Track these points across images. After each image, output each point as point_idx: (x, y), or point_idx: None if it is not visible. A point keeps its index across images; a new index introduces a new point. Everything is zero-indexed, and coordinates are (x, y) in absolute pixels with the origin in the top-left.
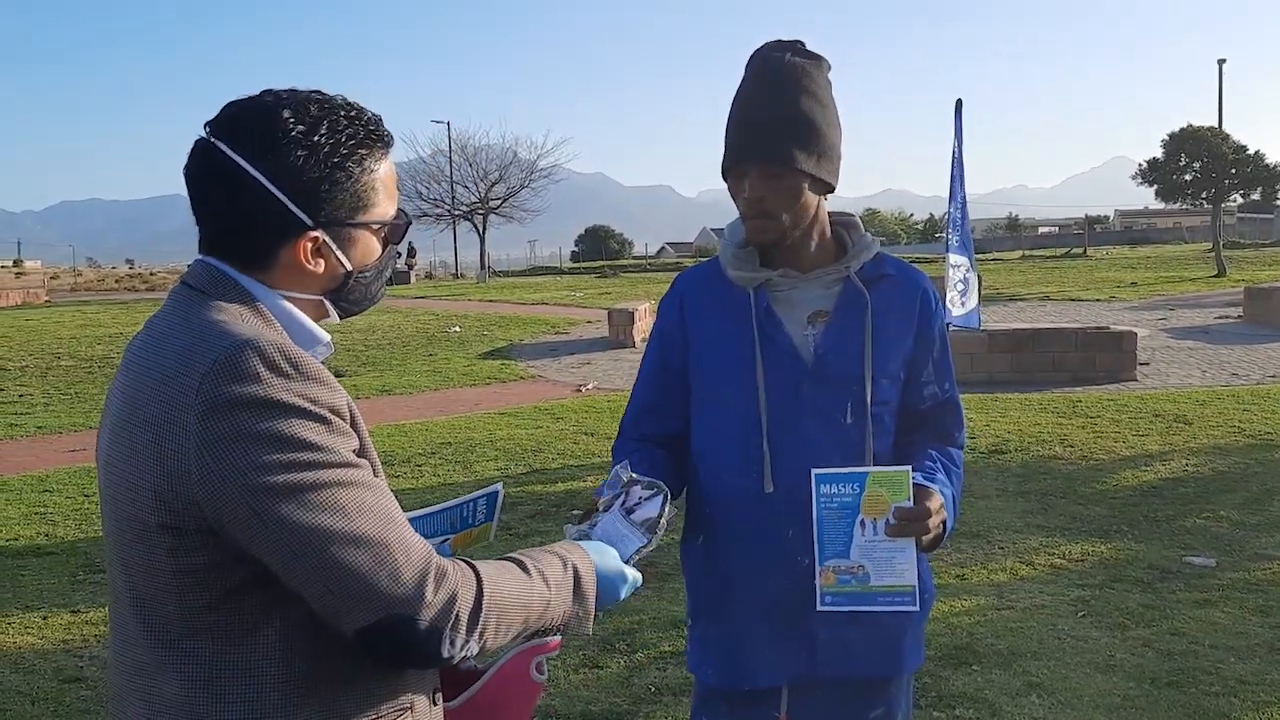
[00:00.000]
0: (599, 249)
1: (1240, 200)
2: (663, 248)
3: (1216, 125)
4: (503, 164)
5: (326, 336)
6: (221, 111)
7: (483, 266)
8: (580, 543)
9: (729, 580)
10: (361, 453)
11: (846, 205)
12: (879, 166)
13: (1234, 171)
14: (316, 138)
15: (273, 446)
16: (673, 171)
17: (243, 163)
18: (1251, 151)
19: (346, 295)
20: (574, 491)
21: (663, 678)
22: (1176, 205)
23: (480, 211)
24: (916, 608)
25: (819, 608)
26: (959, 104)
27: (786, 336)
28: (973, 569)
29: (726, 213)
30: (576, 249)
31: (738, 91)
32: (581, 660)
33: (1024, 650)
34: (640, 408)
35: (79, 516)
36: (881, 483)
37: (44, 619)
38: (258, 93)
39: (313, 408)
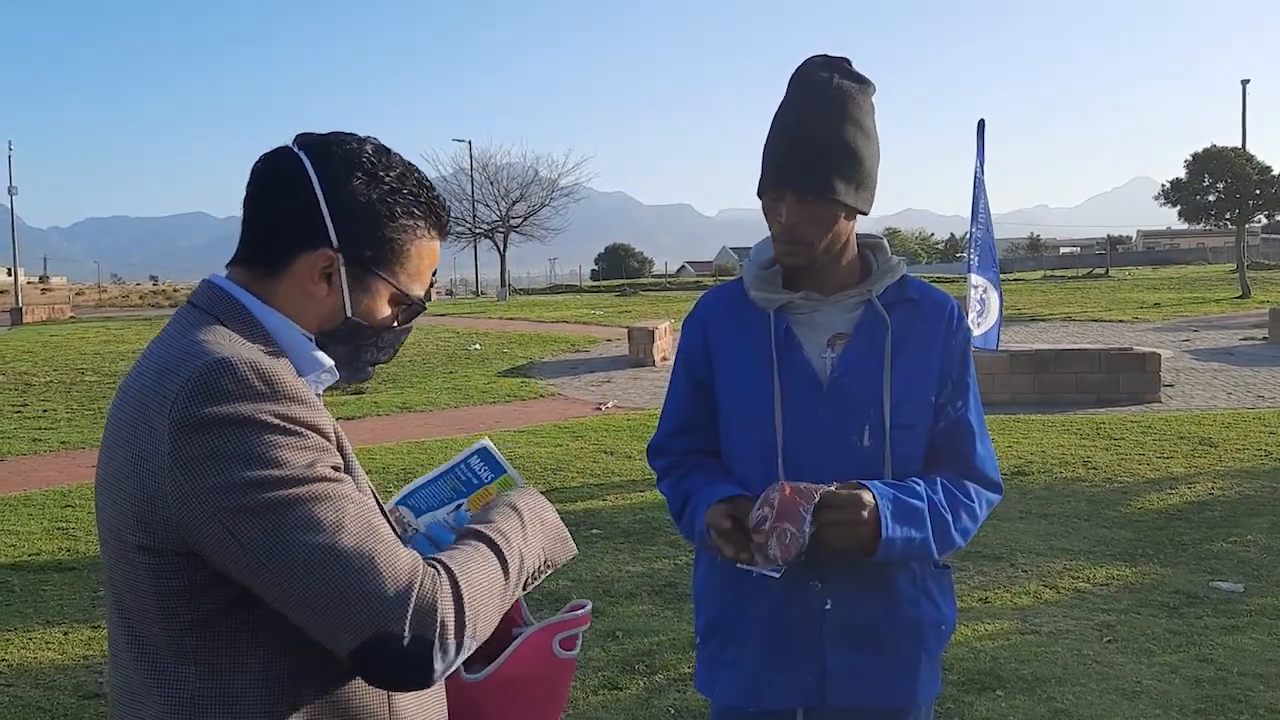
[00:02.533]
0: (619, 267)
1: (1264, 221)
2: (682, 266)
3: (1240, 146)
4: (524, 182)
5: (329, 361)
6: (311, 133)
7: (503, 284)
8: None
9: (741, 603)
10: (347, 471)
11: (866, 224)
12: (900, 186)
13: (1258, 192)
14: (384, 174)
15: (246, 465)
16: (692, 190)
17: (307, 164)
18: (1276, 172)
19: (334, 340)
20: (593, 510)
21: (682, 699)
22: (1200, 226)
23: (501, 230)
24: (778, 575)
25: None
26: (981, 124)
27: (804, 359)
28: (996, 592)
29: (746, 232)
30: (596, 267)
31: (781, 109)
32: (601, 682)
33: (1048, 676)
34: (673, 427)
35: None
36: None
37: (65, 634)
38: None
39: (287, 424)
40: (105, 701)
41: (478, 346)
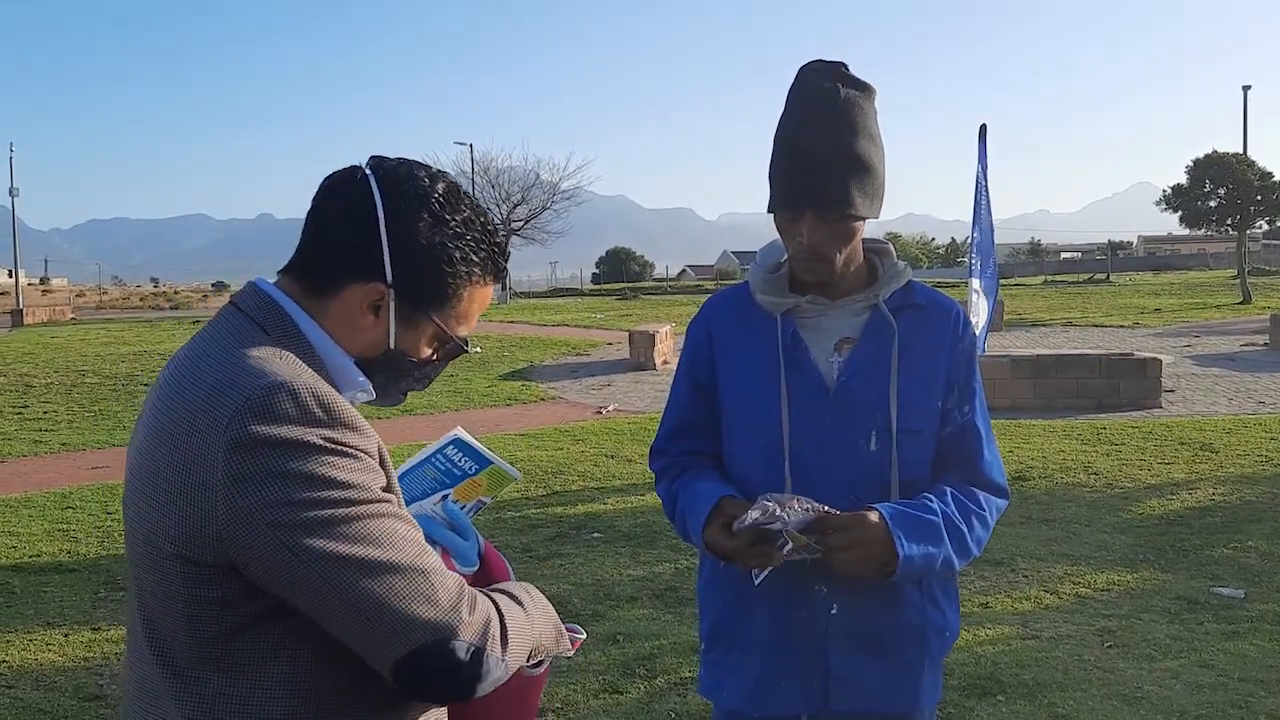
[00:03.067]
0: (620, 271)
1: (1266, 227)
2: (683, 270)
3: (1241, 151)
4: (525, 186)
5: (367, 382)
6: (395, 158)
7: (504, 287)
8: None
9: (746, 607)
10: (388, 490)
11: (868, 230)
12: (901, 190)
13: (1259, 198)
14: (449, 216)
15: (301, 484)
16: (694, 194)
17: (376, 195)
18: (1277, 178)
19: (374, 369)
20: (594, 514)
21: (683, 704)
22: (1201, 231)
23: (502, 233)
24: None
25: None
26: (983, 129)
27: (811, 363)
28: (997, 598)
29: (747, 236)
30: (597, 271)
31: (786, 123)
32: (602, 686)
33: (1049, 681)
34: (675, 428)
35: (101, 534)
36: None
37: (65, 636)
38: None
39: (342, 448)
40: (106, 703)
41: (478, 349)
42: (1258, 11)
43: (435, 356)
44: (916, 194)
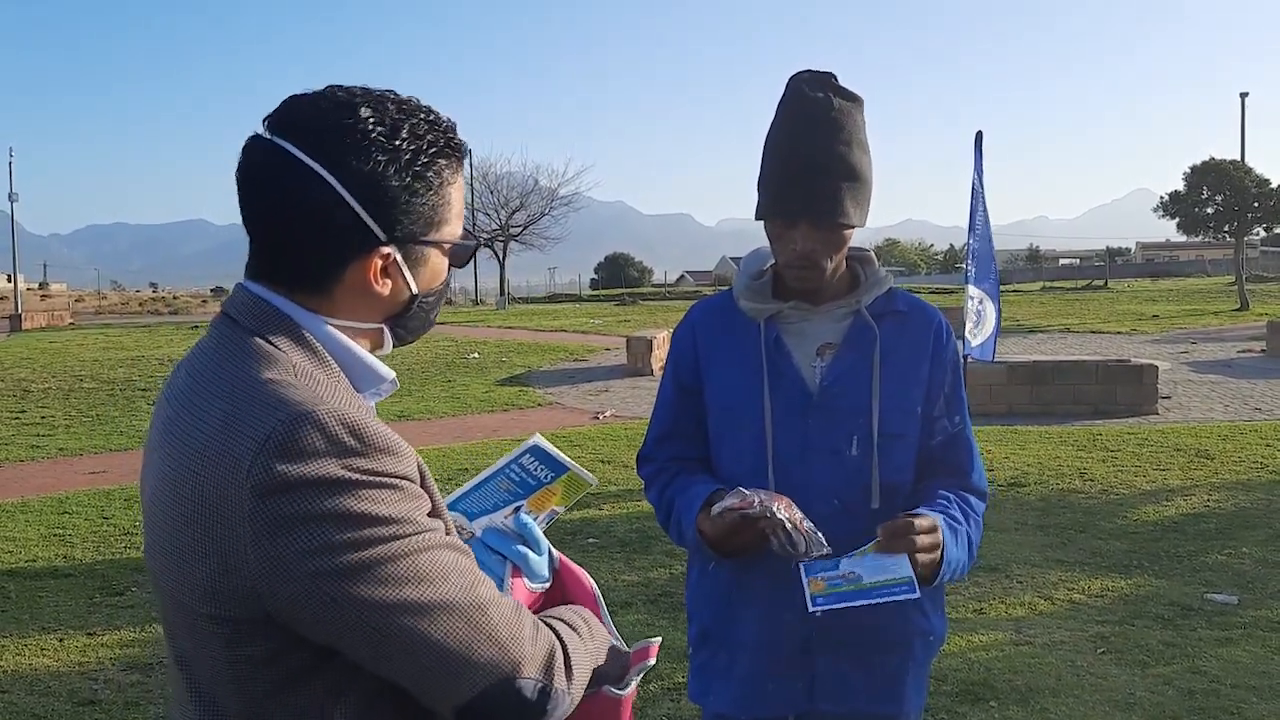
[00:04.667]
0: (618, 277)
1: (1263, 234)
2: (682, 276)
3: (1239, 158)
4: (524, 191)
5: (391, 373)
6: (284, 107)
7: (502, 293)
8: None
9: (733, 611)
10: (433, 514)
11: (866, 235)
12: (899, 197)
13: (1256, 205)
14: (398, 142)
15: (341, 525)
16: (692, 200)
17: (316, 166)
18: (1274, 185)
19: (406, 322)
20: (590, 519)
21: (676, 709)
22: (1199, 238)
23: (500, 238)
24: (917, 594)
25: (811, 609)
26: (979, 136)
27: (794, 368)
28: (991, 603)
29: (746, 241)
30: (596, 276)
31: (778, 132)
32: None
33: (1042, 687)
34: (661, 434)
35: (97, 539)
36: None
37: (60, 641)
38: (322, 88)
39: (380, 478)
40: (101, 709)
41: (476, 355)
42: (1255, 19)
43: (449, 267)
44: (914, 201)
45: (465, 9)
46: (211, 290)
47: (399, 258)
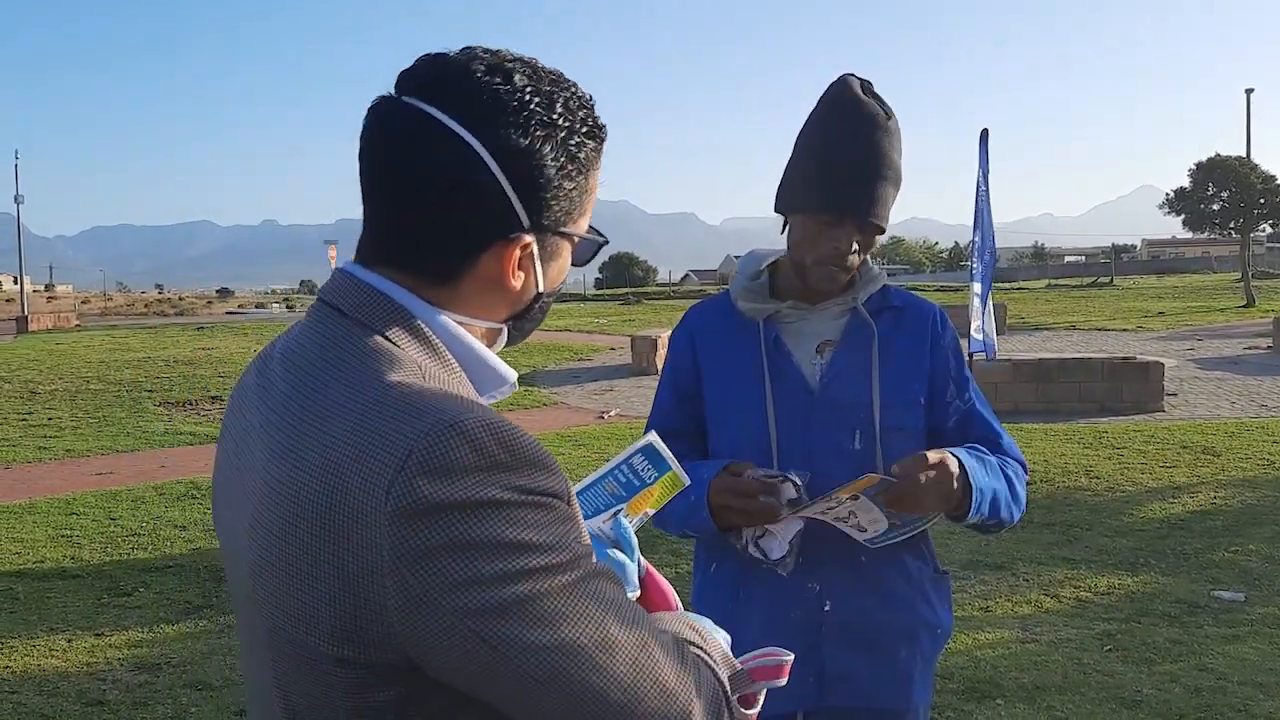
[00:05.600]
0: (623, 276)
1: (1269, 230)
2: (686, 275)
3: (1244, 155)
4: None
5: (512, 374)
6: (426, 68)
7: None
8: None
9: (739, 608)
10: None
11: None
12: (904, 194)
13: (1262, 201)
14: (554, 116)
15: (494, 554)
16: (696, 199)
17: (467, 136)
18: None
19: (524, 324)
20: None
21: None
22: (1204, 235)
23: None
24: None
25: (870, 545)
26: (984, 134)
27: (795, 367)
28: (997, 601)
29: (751, 240)
30: (600, 276)
31: (826, 130)
32: None
33: (1048, 685)
34: (660, 433)
35: (105, 540)
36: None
37: (69, 642)
38: (460, 49)
39: (535, 498)
40: (109, 709)
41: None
42: (1260, 15)
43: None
44: (920, 198)
45: (468, 6)
46: (217, 291)
47: (535, 249)
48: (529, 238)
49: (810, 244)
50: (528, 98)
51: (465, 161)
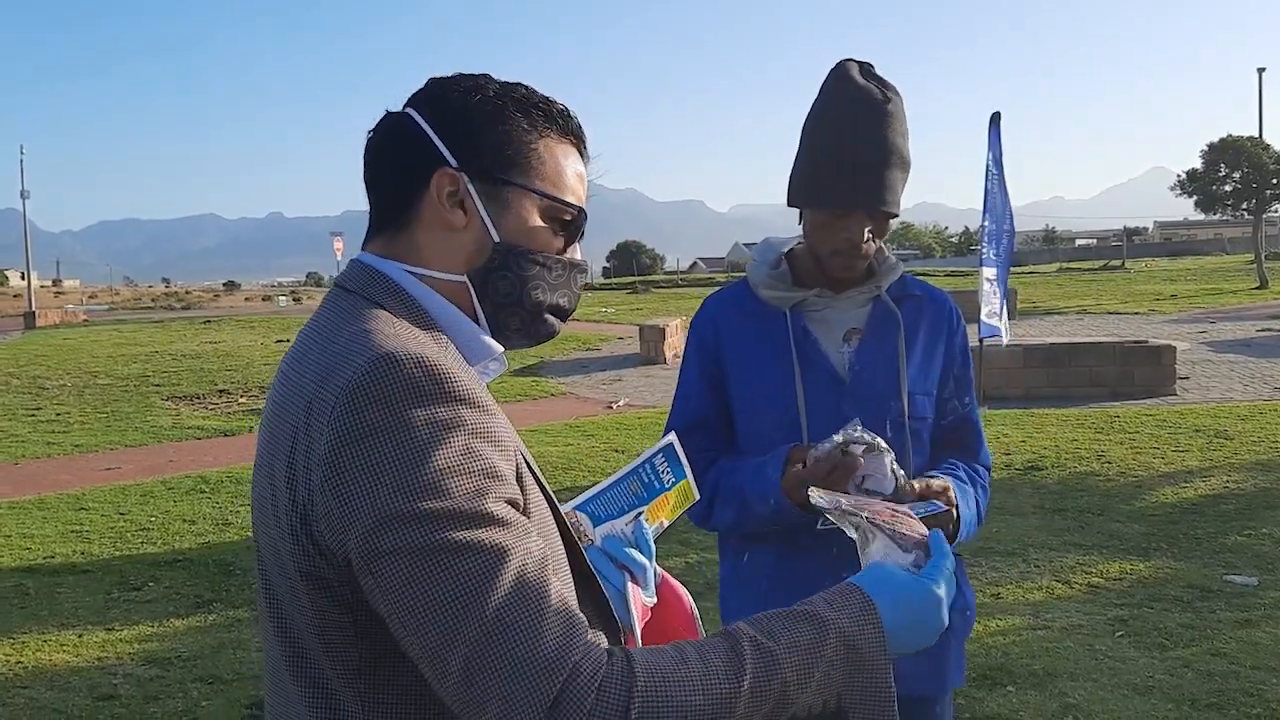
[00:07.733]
0: (630, 264)
1: None
2: (694, 263)
3: (1257, 135)
4: None
5: (498, 348)
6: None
7: None
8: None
9: (772, 602)
10: (518, 480)
11: None
12: (913, 179)
13: (1275, 182)
14: (484, 83)
15: (400, 488)
16: (704, 187)
17: (410, 111)
18: None
19: (494, 282)
20: None
21: None
22: (1216, 216)
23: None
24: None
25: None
26: (996, 116)
27: (823, 355)
28: (1008, 587)
29: (758, 228)
30: (608, 265)
31: (828, 121)
32: None
33: (1060, 671)
34: (687, 425)
35: (114, 534)
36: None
37: (79, 637)
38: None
39: (455, 435)
40: (120, 703)
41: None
42: None
43: (559, 238)
44: (929, 183)
45: None
46: (224, 284)
47: (470, 188)
48: (453, 172)
49: (823, 236)
50: (465, 80)
51: (401, 125)
